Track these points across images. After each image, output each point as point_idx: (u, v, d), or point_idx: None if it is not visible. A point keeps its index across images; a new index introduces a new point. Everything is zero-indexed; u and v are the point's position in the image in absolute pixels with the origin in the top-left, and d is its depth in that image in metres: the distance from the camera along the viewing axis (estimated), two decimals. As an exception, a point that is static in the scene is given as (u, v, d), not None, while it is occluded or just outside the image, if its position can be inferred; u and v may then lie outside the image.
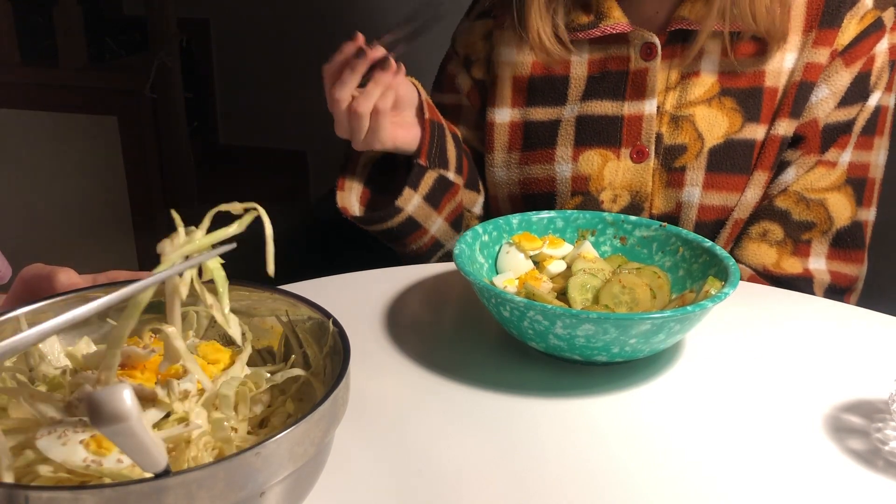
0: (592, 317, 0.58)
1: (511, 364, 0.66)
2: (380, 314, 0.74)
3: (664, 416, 0.60)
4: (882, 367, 0.66)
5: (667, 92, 0.86)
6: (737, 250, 0.87)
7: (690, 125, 0.85)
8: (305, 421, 0.39)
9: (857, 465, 0.54)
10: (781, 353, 0.69)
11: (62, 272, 0.53)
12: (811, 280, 0.85)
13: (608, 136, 0.88)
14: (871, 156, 0.87)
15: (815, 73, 0.83)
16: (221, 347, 0.51)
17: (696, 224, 0.86)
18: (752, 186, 0.85)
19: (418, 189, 0.84)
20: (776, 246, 0.85)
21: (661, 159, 0.86)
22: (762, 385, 0.64)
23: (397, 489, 0.51)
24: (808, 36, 0.84)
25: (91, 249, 2.13)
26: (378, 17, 2.37)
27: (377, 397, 0.61)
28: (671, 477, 0.53)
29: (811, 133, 0.84)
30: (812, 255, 0.86)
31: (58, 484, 0.38)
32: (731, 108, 0.85)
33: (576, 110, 0.89)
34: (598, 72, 0.89)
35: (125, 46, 2.16)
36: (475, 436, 0.57)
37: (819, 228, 0.85)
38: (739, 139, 0.85)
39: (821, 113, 0.84)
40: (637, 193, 0.87)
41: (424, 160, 0.84)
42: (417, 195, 0.83)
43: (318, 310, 0.50)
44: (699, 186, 0.85)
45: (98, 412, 0.31)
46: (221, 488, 0.36)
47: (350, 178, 0.90)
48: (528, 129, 0.92)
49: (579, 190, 0.89)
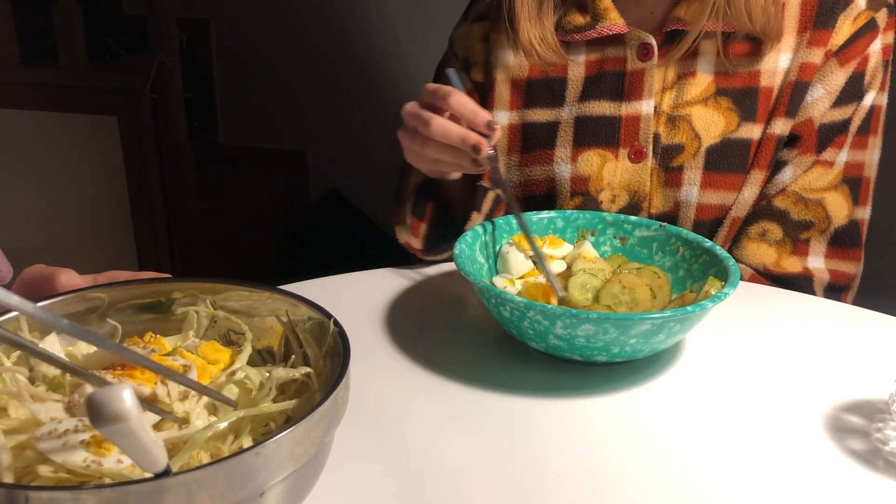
0: (592, 317, 0.58)
1: (511, 364, 0.66)
2: (380, 314, 0.74)
3: (664, 416, 0.60)
4: (882, 367, 0.66)
5: (664, 92, 0.87)
6: (736, 250, 0.87)
7: (687, 125, 0.86)
8: (305, 421, 0.39)
9: (857, 465, 0.54)
10: (781, 353, 0.69)
11: (63, 273, 0.53)
12: (811, 278, 0.86)
13: (606, 137, 0.88)
14: (866, 155, 0.88)
15: (809, 73, 0.84)
16: (221, 347, 0.51)
17: (695, 223, 0.87)
18: (749, 185, 0.86)
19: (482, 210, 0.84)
20: (775, 245, 0.86)
21: (659, 159, 0.87)
22: (762, 385, 0.64)
23: (397, 489, 0.51)
24: (802, 36, 0.84)
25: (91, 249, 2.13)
26: (378, 16, 2.37)
27: (377, 397, 0.61)
28: (671, 477, 0.53)
29: (807, 132, 0.85)
30: (811, 253, 0.87)
31: (58, 484, 0.38)
32: (728, 108, 0.86)
33: (574, 111, 0.90)
34: (595, 73, 0.89)
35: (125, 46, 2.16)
36: (475, 436, 0.57)
37: (817, 227, 0.86)
38: (736, 138, 0.86)
39: (816, 112, 0.85)
40: (636, 193, 0.88)
41: (487, 182, 0.84)
42: (481, 216, 0.83)
43: (318, 310, 0.50)
44: (697, 185, 0.86)
45: (98, 412, 0.31)
46: (221, 488, 0.36)
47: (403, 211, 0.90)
48: (527, 130, 0.92)
49: (578, 190, 0.89)
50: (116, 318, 0.52)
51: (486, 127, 0.74)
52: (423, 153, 0.77)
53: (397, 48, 2.37)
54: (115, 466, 0.38)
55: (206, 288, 0.53)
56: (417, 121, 0.75)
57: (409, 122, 0.77)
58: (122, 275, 0.54)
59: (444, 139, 0.74)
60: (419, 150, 0.77)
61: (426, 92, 0.77)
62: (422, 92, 0.78)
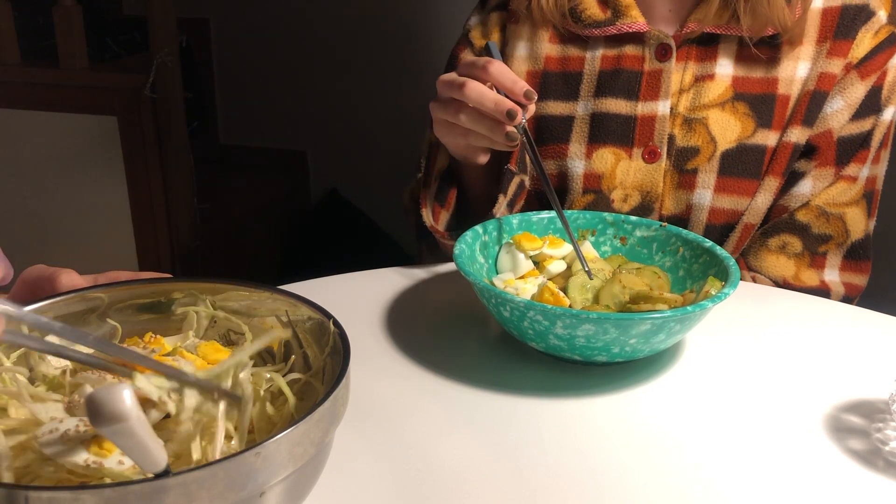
0: (592, 317, 0.58)
1: (511, 364, 0.66)
2: (380, 314, 0.74)
3: (664, 416, 0.60)
4: (882, 367, 0.66)
5: (680, 94, 0.87)
6: (755, 262, 0.87)
7: (703, 128, 0.86)
8: (305, 421, 0.39)
9: (857, 465, 0.54)
10: (781, 353, 0.69)
11: (64, 273, 0.53)
12: (828, 292, 0.86)
13: (621, 135, 0.88)
14: (879, 168, 0.89)
15: (828, 83, 0.84)
16: (221, 347, 0.51)
17: (706, 227, 0.87)
18: (762, 192, 0.86)
19: (507, 194, 0.82)
20: (794, 258, 0.86)
21: (674, 161, 0.87)
22: (762, 385, 0.64)
23: (397, 489, 0.51)
24: (822, 46, 0.84)
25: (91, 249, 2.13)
26: (379, 16, 2.37)
27: (377, 397, 0.61)
28: (671, 477, 0.53)
29: (825, 144, 0.85)
30: (827, 266, 0.87)
31: (58, 484, 0.38)
32: (744, 113, 0.86)
33: (590, 107, 0.89)
34: (611, 68, 0.89)
35: (125, 46, 2.16)
36: (475, 436, 0.57)
37: (835, 241, 0.86)
38: (751, 144, 0.85)
39: (835, 124, 0.85)
40: (648, 194, 0.88)
41: (514, 165, 0.82)
42: (505, 200, 0.81)
43: (318, 310, 0.50)
44: (710, 189, 0.86)
45: (98, 412, 0.31)
46: (221, 488, 0.36)
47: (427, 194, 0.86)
48: (541, 123, 0.92)
49: (591, 187, 0.89)
50: (116, 318, 0.52)
51: (525, 96, 0.71)
52: (455, 122, 0.74)
53: (398, 48, 2.37)
54: (116, 467, 0.38)
55: (206, 288, 0.53)
56: (452, 88, 0.73)
57: (444, 93, 0.74)
58: (122, 275, 0.54)
59: (478, 103, 0.71)
60: (452, 118, 0.74)
61: (464, 64, 0.75)
62: (460, 65, 0.75)
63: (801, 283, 0.86)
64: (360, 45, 2.42)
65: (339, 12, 2.41)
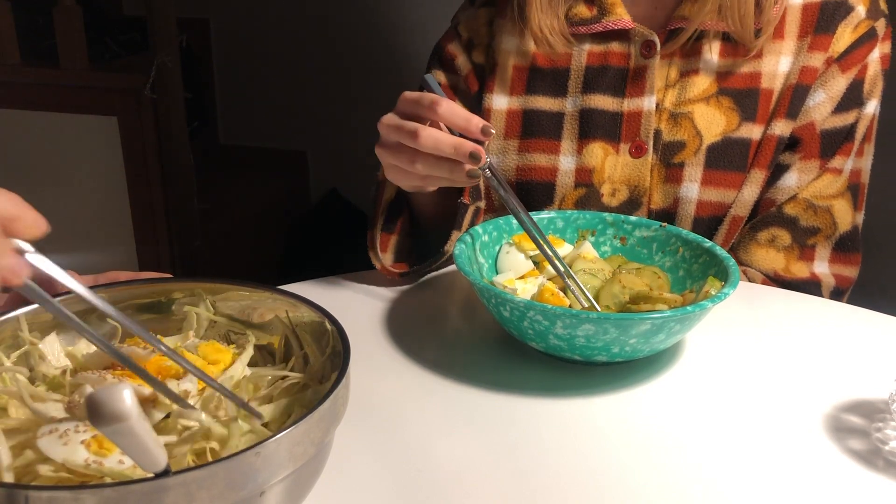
0: (592, 317, 0.58)
1: (511, 364, 0.66)
2: (380, 314, 0.74)
3: (664, 416, 0.60)
4: (882, 367, 0.66)
5: (666, 89, 0.88)
6: (746, 256, 0.88)
7: (689, 122, 0.87)
8: (305, 421, 0.39)
9: (857, 465, 0.54)
10: (781, 353, 0.69)
11: (63, 274, 0.53)
12: (819, 283, 0.87)
13: (608, 131, 0.89)
14: (863, 162, 0.90)
15: (810, 77, 0.86)
16: (221, 347, 0.51)
17: (694, 220, 0.88)
18: (749, 184, 0.87)
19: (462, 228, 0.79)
20: (784, 251, 0.87)
21: (660, 155, 0.88)
22: (762, 385, 0.64)
23: (397, 489, 0.51)
24: (803, 41, 0.86)
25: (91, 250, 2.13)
26: (379, 15, 2.37)
27: (377, 397, 0.61)
28: (671, 477, 0.53)
29: (808, 136, 0.86)
30: (816, 258, 0.88)
31: (58, 484, 0.38)
32: (729, 108, 0.87)
33: (578, 103, 0.90)
34: (598, 64, 0.90)
35: (125, 46, 2.16)
36: (475, 436, 0.57)
37: (824, 233, 0.87)
38: (736, 137, 0.87)
39: (818, 117, 0.86)
40: (636, 188, 0.89)
41: (468, 198, 0.81)
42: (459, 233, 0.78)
43: (318, 310, 0.50)
44: (697, 182, 0.87)
45: (98, 412, 0.31)
46: (221, 488, 0.36)
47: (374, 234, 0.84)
48: (528, 117, 0.92)
49: (582, 182, 0.90)
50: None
51: (482, 133, 0.67)
52: (411, 170, 0.69)
53: (399, 47, 2.37)
54: (116, 466, 0.38)
55: (206, 288, 0.53)
56: (401, 134, 0.67)
57: (391, 137, 0.69)
58: (122, 275, 0.55)
59: (436, 151, 0.66)
60: (407, 167, 0.69)
61: (407, 101, 0.69)
62: (401, 101, 0.70)
63: (791, 276, 0.87)
64: (361, 46, 2.42)
65: (339, 12, 2.41)
